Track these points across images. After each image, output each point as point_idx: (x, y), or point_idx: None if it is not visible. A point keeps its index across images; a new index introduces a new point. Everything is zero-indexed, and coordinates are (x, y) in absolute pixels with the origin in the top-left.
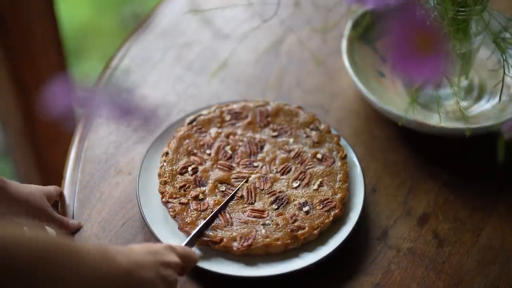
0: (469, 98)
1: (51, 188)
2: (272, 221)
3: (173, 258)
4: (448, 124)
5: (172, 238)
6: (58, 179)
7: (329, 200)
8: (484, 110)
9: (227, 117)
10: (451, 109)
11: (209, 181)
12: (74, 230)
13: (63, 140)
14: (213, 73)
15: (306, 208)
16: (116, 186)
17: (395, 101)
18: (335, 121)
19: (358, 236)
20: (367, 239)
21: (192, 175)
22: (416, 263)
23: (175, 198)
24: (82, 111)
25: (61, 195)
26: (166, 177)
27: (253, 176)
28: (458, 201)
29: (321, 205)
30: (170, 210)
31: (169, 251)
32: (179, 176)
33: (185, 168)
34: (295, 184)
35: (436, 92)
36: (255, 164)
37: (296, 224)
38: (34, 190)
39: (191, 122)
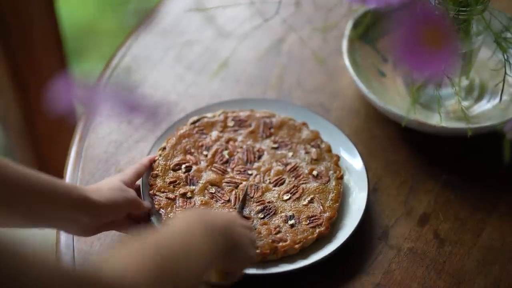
0: (469, 98)
1: (129, 172)
2: (255, 229)
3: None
4: (449, 124)
5: None
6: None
7: (316, 217)
8: (484, 110)
9: (231, 123)
10: (452, 109)
11: (200, 181)
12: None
13: (63, 139)
14: (214, 72)
15: (291, 222)
16: None
17: (395, 100)
18: (335, 120)
19: (359, 236)
20: (368, 239)
21: (184, 172)
22: (417, 263)
23: (163, 192)
24: (82, 110)
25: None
26: (158, 170)
27: (244, 183)
28: (458, 201)
29: (308, 221)
30: (156, 203)
31: None
32: (171, 171)
33: (178, 165)
34: (285, 197)
35: (437, 92)
36: (250, 172)
37: (278, 235)
38: (114, 190)
39: (194, 122)
